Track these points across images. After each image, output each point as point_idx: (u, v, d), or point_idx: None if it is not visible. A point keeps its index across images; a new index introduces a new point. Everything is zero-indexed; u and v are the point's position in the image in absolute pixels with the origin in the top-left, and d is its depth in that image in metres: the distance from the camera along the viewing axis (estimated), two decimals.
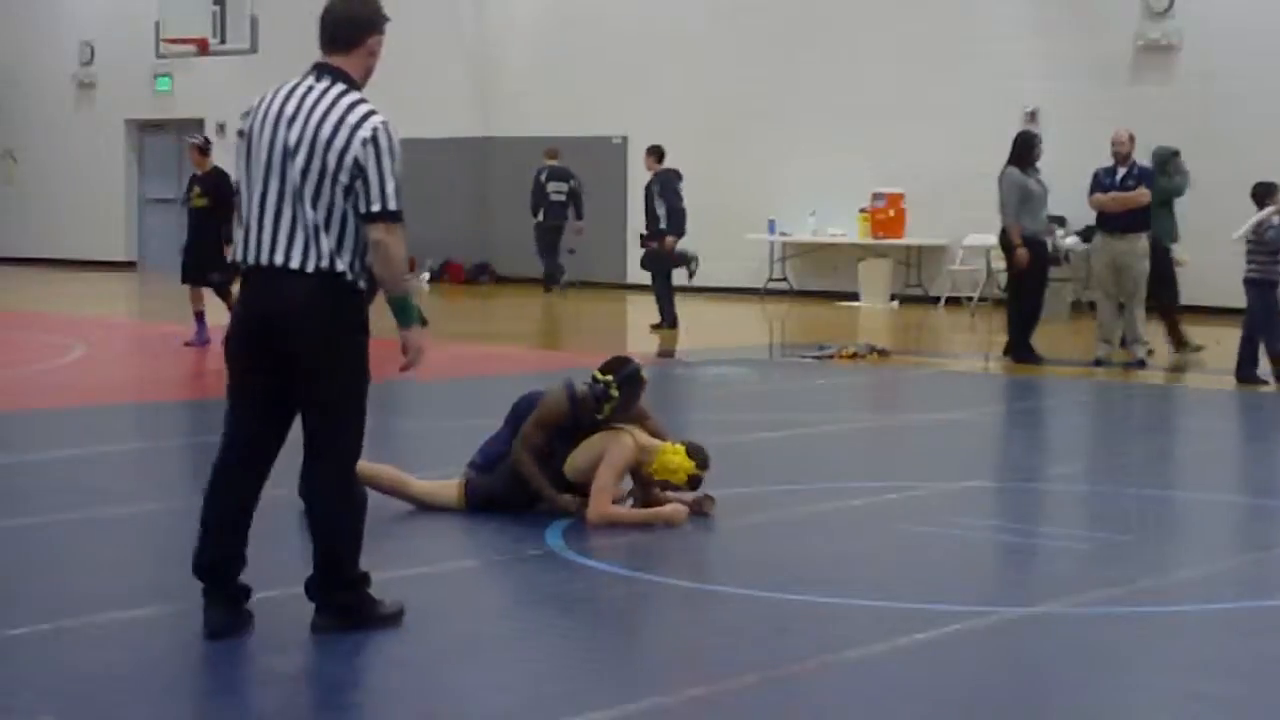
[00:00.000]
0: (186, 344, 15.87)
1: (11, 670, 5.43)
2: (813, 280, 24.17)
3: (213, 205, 16.22)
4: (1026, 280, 15.64)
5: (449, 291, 25.45)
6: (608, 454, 7.63)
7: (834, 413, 12.42)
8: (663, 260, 18.81)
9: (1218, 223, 16.38)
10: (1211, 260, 18.04)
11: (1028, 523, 8.28)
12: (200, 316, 16.09)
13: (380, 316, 5.85)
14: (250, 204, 5.69)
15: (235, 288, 16.52)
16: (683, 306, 18.93)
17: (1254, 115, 20.18)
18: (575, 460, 7.77)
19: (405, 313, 5.75)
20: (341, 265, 5.62)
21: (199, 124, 30.07)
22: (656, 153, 19.12)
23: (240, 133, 5.79)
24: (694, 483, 7.77)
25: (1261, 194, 13.99)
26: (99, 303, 22.84)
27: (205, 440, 10.78)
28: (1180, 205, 16.48)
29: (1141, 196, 15.18)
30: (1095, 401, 13.46)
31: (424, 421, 11.32)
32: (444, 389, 12.92)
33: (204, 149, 16.70)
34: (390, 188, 5.60)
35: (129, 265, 31.01)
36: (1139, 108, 20.05)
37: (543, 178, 24.01)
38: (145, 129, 31.44)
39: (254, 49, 27.16)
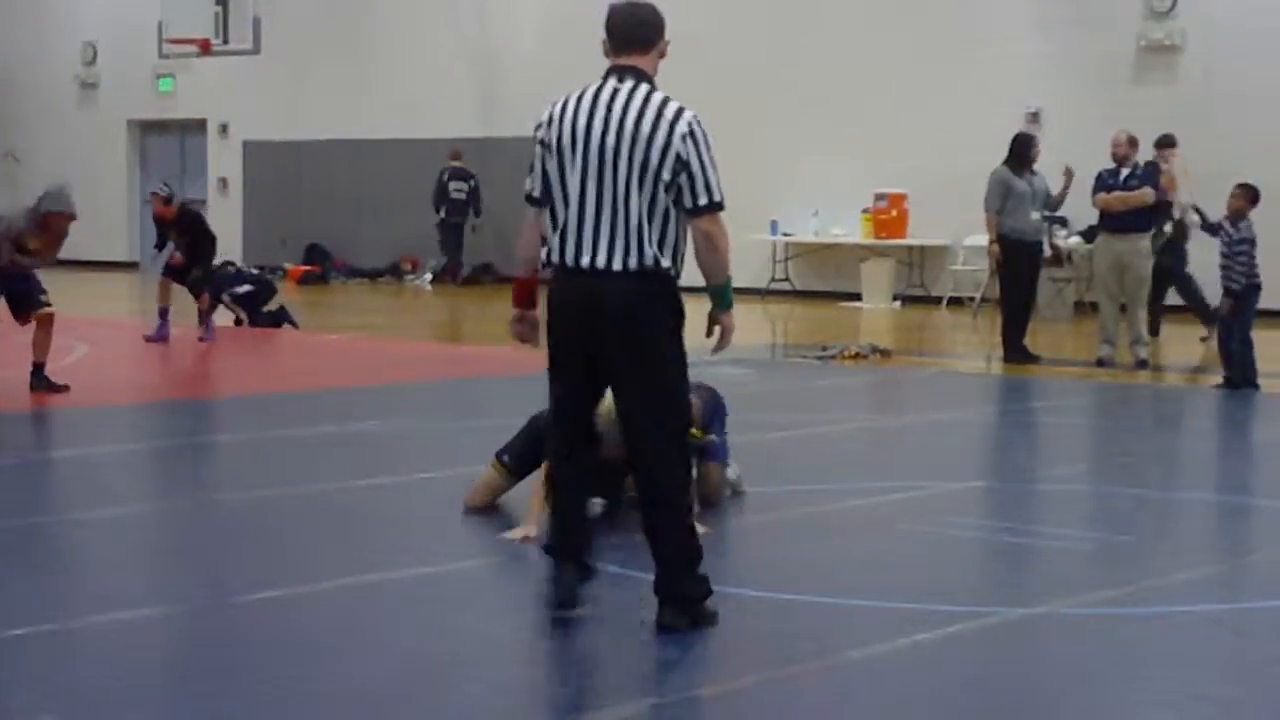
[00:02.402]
0: (148, 339, 16.29)
1: (12, 670, 5.43)
2: (815, 281, 24.17)
3: (192, 241, 16.36)
4: (1007, 277, 15.67)
5: (451, 292, 25.44)
6: None
7: (836, 413, 12.42)
8: None
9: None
10: (1213, 261, 17.97)
11: (1028, 523, 8.27)
12: (163, 313, 16.38)
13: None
14: (568, 209, 5.82)
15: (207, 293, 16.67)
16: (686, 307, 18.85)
17: (1256, 116, 20.17)
18: None
19: (723, 298, 6.02)
20: (665, 261, 5.80)
21: (201, 124, 30.15)
22: None
23: (541, 142, 5.95)
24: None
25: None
26: (100, 303, 22.81)
27: (205, 440, 10.84)
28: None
29: (1145, 195, 15.18)
30: (1097, 402, 13.45)
31: (430, 422, 11.33)
32: (449, 389, 12.91)
33: (168, 199, 16.42)
34: (714, 179, 5.82)
35: (130, 265, 31.01)
36: (1141, 108, 20.02)
37: (445, 177, 25.92)
38: (147, 129, 31.45)
39: (256, 49, 27.20)
